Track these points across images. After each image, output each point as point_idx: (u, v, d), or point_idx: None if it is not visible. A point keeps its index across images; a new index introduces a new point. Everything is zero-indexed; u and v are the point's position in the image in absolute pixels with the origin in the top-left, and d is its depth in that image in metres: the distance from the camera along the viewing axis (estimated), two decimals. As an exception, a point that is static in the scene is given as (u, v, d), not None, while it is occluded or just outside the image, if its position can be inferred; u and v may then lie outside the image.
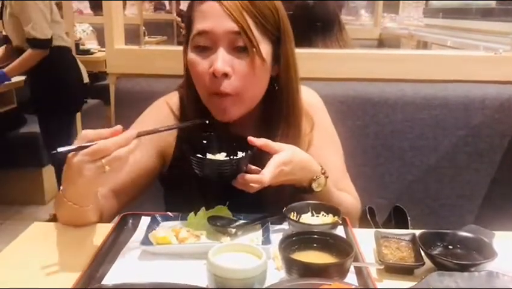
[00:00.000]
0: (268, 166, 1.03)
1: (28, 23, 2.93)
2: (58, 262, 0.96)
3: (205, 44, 1.09)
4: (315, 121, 1.29)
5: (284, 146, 1.08)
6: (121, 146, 0.91)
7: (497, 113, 1.59)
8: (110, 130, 0.93)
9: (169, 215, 1.11)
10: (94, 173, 0.91)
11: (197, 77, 1.12)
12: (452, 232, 1.01)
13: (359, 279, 0.90)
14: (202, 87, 1.13)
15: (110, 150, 0.90)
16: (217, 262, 0.81)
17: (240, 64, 1.08)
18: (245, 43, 1.06)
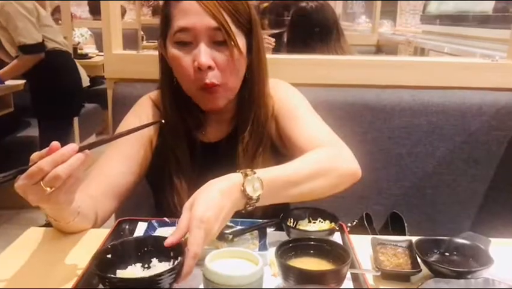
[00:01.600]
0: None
1: (15, 31, 2.94)
2: (54, 268, 0.96)
3: (187, 39, 1.15)
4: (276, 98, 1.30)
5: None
6: (57, 163, 0.84)
7: (494, 120, 1.59)
8: (46, 149, 0.87)
9: (166, 221, 1.11)
10: (39, 195, 0.86)
11: (182, 72, 1.18)
12: (449, 239, 1.01)
13: (356, 285, 0.90)
14: (188, 81, 1.19)
15: (45, 170, 0.83)
16: (213, 269, 0.81)
17: (220, 57, 1.15)
18: (224, 38, 1.13)
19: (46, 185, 0.84)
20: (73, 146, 0.87)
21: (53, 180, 0.84)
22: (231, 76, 1.18)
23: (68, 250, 1.03)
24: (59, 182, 0.85)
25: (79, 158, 0.87)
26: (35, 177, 0.84)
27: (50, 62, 3.09)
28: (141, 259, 0.90)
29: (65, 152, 0.86)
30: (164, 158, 1.27)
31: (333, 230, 1.05)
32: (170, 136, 1.27)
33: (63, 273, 0.93)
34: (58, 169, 0.84)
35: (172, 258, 0.89)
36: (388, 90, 1.64)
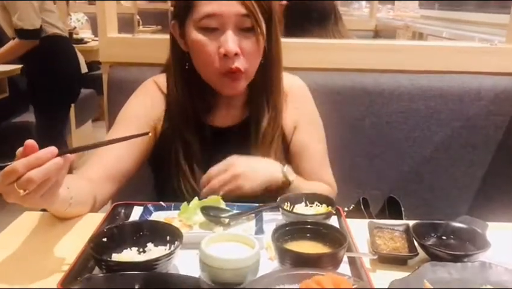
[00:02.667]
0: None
1: (15, 13, 2.89)
2: (49, 252, 0.95)
3: (213, 25, 1.14)
4: (300, 105, 1.35)
5: None
6: (31, 166, 0.80)
7: (492, 104, 1.58)
8: (21, 148, 0.83)
9: (161, 205, 1.10)
10: (14, 196, 0.83)
11: (206, 58, 1.17)
12: (446, 222, 1.01)
13: (353, 269, 0.90)
14: (210, 67, 1.18)
15: (19, 172, 0.80)
16: (209, 252, 0.80)
17: (246, 43, 1.15)
18: (252, 24, 1.14)
19: (20, 187, 0.81)
20: (52, 150, 0.83)
21: (26, 183, 0.80)
22: (254, 62, 1.20)
23: (64, 235, 1.02)
24: (32, 186, 0.81)
25: (56, 163, 0.83)
26: (9, 178, 0.81)
27: (49, 47, 3.06)
28: (137, 243, 0.90)
29: (41, 155, 0.82)
30: (171, 143, 1.26)
31: (330, 214, 1.04)
32: (179, 120, 1.26)
33: (58, 257, 0.93)
34: (32, 173, 0.80)
35: (169, 243, 0.89)
36: (386, 74, 1.62)
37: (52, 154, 0.83)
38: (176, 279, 0.74)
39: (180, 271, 0.85)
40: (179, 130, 1.25)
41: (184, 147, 1.25)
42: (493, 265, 0.87)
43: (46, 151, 0.83)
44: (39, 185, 0.82)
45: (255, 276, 0.80)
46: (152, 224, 0.94)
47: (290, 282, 0.74)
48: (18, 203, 0.84)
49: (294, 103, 1.34)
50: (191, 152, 1.25)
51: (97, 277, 0.75)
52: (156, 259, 0.80)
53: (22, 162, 0.81)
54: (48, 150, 0.83)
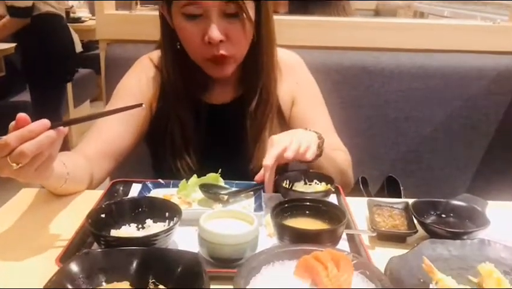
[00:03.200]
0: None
1: None
2: (47, 229, 0.95)
3: (196, 12, 1.11)
4: (298, 78, 1.34)
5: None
6: (24, 139, 0.79)
7: (493, 84, 1.57)
8: (14, 122, 0.81)
9: (160, 182, 1.09)
10: (7, 170, 0.82)
11: (190, 44, 1.16)
12: (445, 200, 1.01)
13: (352, 246, 0.90)
14: (196, 52, 1.17)
15: (11, 146, 0.79)
16: (208, 228, 0.80)
17: (231, 29, 1.12)
18: (236, 10, 1.10)
19: (12, 161, 0.80)
20: (44, 122, 0.81)
21: (18, 156, 0.79)
22: (241, 46, 1.17)
23: (62, 212, 1.02)
24: (25, 160, 0.79)
25: (49, 136, 0.81)
26: (1, 152, 0.79)
27: (41, 25, 3.01)
28: (136, 220, 0.89)
29: (34, 128, 0.80)
30: (166, 120, 1.25)
31: (329, 191, 1.04)
32: (173, 98, 1.24)
33: (57, 234, 0.92)
34: (24, 146, 0.79)
35: (167, 219, 0.88)
36: (386, 53, 1.61)
37: (45, 127, 0.81)
38: (174, 254, 0.74)
39: (179, 248, 0.85)
40: (173, 109, 1.24)
41: (178, 125, 1.24)
42: (492, 243, 0.87)
43: (39, 124, 0.81)
44: (32, 159, 0.80)
45: (253, 252, 0.80)
46: (150, 200, 0.93)
47: (288, 258, 0.74)
48: (12, 177, 0.83)
49: (291, 77, 1.33)
50: (186, 130, 1.24)
51: (95, 252, 0.74)
52: (155, 234, 0.80)
53: (14, 135, 0.79)
54: (40, 123, 0.81)
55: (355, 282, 0.69)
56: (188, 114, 1.25)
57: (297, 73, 1.35)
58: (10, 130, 0.81)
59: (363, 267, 0.71)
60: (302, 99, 1.32)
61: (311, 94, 1.35)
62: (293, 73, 1.33)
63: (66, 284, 0.68)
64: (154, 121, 1.28)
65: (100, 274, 0.72)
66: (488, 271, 0.75)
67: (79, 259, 0.72)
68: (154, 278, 0.70)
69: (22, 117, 0.81)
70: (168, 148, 1.25)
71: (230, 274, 0.71)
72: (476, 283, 0.78)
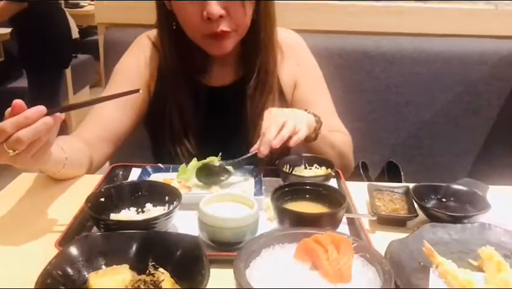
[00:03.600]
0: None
1: None
2: (47, 213, 0.95)
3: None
4: (299, 60, 1.32)
5: None
6: (20, 126, 0.78)
7: (495, 69, 1.56)
8: (10, 108, 0.80)
9: (160, 167, 1.09)
10: (3, 157, 0.81)
11: (189, 22, 1.13)
12: (446, 185, 1.01)
13: (352, 229, 0.90)
14: (194, 30, 1.14)
15: (7, 132, 0.78)
16: (208, 212, 0.80)
17: (231, 4, 1.09)
18: None
19: (9, 147, 0.79)
20: (40, 109, 0.80)
21: (15, 143, 0.78)
22: (242, 21, 1.13)
23: (61, 196, 1.02)
24: (22, 146, 0.79)
25: (45, 122, 0.80)
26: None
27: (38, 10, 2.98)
28: (135, 204, 0.89)
29: (30, 114, 0.79)
30: (164, 103, 1.23)
31: (329, 176, 1.03)
32: (171, 80, 1.22)
33: (56, 218, 0.92)
34: (21, 133, 0.78)
35: (167, 203, 0.88)
36: (387, 37, 1.59)
37: (41, 113, 0.80)
38: (174, 237, 0.74)
39: (179, 232, 0.85)
40: (171, 91, 1.22)
41: (177, 108, 1.22)
42: (493, 226, 0.86)
43: (35, 110, 0.80)
44: (29, 145, 0.79)
45: (253, 236, 0.79)
46: (150, 184, 0.93)
47: (289, 241, 0.74)
48: (9, 163, 0.82)
49: (292, 58, 1.30)
50: (185, 113, 1.22)
51: (94, 235, 0.74)
52: (155, 218, 0.79)
53: (10, 121, 0.78)
54: (37, 109, 0.80)
55: (355, 265, 0.68)
56: (186, 96, 1.23)
57: (299, 54, 1.32)
58: (6, 116, 0.80)
59: (363, 250, 0.71)
60: (304, 81, 1.30)
61: (312, 76, 1.33)
62: (294, 54, 1.31)
63: (66, 267, 0.68)
64: (153, 103, 1.26)
65: (100, 257, 0.72)
66: (488, 254, 0.75)
67: (78, 243, 0.72)
68: (154, 261, 0.69)
69: (18, 103, 0.80)
70: (167, 131, 1.23)
71: (230, 257, 0.70)
72: (476, 267, 0.78)
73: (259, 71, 1.23)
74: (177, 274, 0.68)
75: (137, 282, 0.64)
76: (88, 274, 0.68)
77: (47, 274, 0.65)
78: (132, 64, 1.25)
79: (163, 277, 0.66)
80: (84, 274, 0.69)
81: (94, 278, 0.66)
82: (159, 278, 0.65)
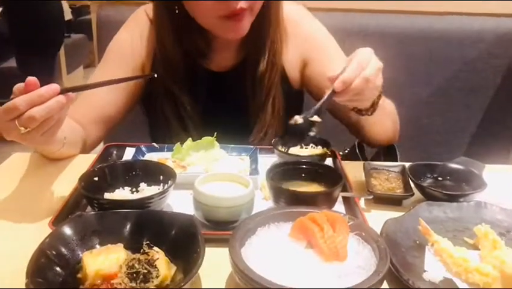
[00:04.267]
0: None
1: None
2: (41, 193, 0.94)
3: None
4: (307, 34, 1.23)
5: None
6: (34, 103, 0.77)
7: (493, 47, 1.54)
8: (22, 84, 0.79)
9: (154, 146, 1.08)
10: (14, 134, 0.80)
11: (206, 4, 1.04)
12: (442, 163, 1.00)
13: (348, 208, 0.89)
14: (209, 11, 1.04)
15: (20, 109, 0.77)
16: (203, 191, 0.79)
17: None
18: None
19: (21, 125, 0.78)
20: (54, 87, 0.79)
21: (28, 121, 0.77)
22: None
23: (55, 176, 1.01)
24: (34, 124, 0.78)
25: (59, 101, 0.79)
26: (9, 115, 0.78)
27: None
28: (129, 183, 0.88)
29: (44, 92, 0.78)
30: (161, 86, 1.17)
31: (325, 155, 1.03)
32: (168, 65, 1.16)
33: (50, 198, 0.92)
34: (34, 110, 0.77)
35: (162, 182, 0.87)
36: (385, 15, 1.57)
37: (55, 92, 0.79)
38: (169, 216, 0.73)
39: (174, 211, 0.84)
40: (168, 75, 1.16)
41: (173, 93, 1.17)
42: (488, 205, 0.86)
43: (49, 88, 0.78)
44: (41, 123, 0.79)
45: (249, 215, 0.79)
46: (144, 163, 0.92)
47: (284, 220, 0.74)
48: (18, 141, 0.82)
49: (298, 34, 1.22)
50: (182, 98, 1.17)
51: (88, 215, 0.73)
52: (149, 197, 0.79)
53: (24, 99, 0.77)
54: (50, 88, 0.79)
55: (350, 243, 0.68)
56: (183, 82, 1.17)
57: (305, 28, 1.23)
58: (15, 92, 0.79)
59: (359, 229, 0.71)
60: (316, 56, 1.21)
61: (324, 46, 1.23)
62: (298, 29, 1.22)
63: (59, 246, 0.67)
64: (148, 85, 1.21)
65: (94, 236, 0.71)
66: (484, 232, 0.75)
67: (72, 222, 0.71)
68: (148, 240, 0.69)
69: (32, 80, 0.79)
70: (163, 116, 1.20)
71: (225, 236, 0.70)
72: (472, 245, 0.78)
73: (269, 51, 1.17)
74: (172, 252, 0.68)
75: (132, 260, 0.64)
76: (82, 254, 0.68)
77: (41, 254, 0.64)
78: (126, 43, 1.20)
79: (158, 255, 0.65)
80: (78, 253, 0.68)
81: (88, 257, 0.65)
82: (154, 257, 0.65)
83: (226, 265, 0.66)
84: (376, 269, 0.62)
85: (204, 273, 0.68)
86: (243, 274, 0.60)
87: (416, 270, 0.71)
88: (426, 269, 0.71)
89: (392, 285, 0.69)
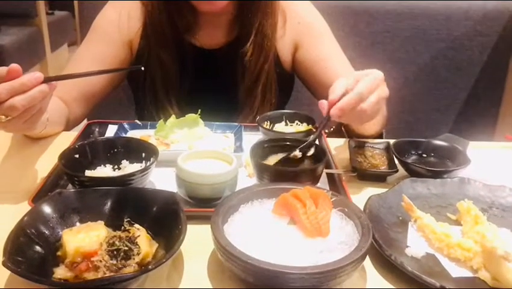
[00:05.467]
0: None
1: None
2: (22, 171, 0.92)
3: None
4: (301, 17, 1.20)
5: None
6: (15, 92, 0.74)
7: (479, 24, 1.54)
8: (4, 69, 0.76)
9: (137, 124, 1.06)
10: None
11: None
12: (426, 140, 1.00)
13: (332, 185, 0.89)
14: None
15: (1, 98, 0.74)
16: (186, 168, 0.78)
17: None
18: None
19: (1, 113, 0.75)
20: (38, 76, 0.76)
21: (9, 110, 0.75)
22: None
23: (36, 154, 0.99)
24: (15, 113, 0.75)
25: (41, 90, 0.76)
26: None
27: None
28: (111, 160, 0.87)
29: (26, 81, 0.75)
30: (148, 64, 1.14)
31: (310, 132, 1.02)
32: (155, 40, 1.13)
33: (32, 176, 0.90)
34: (16, 100, 0.74)
35: (144, 160, 0.86)
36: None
37: (38, 80, 0.76)
38: (150, 193, 0.72)
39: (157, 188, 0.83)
40: (156, 50, 1.14)
41: (160, 69, 1.14)
42: (472, 181, 0.87)
43: (31, 77, 0.75)
44: (22, 112, 0.76)
45: (232, 192, 0.78)
46: (126, 140, 0.91)
47: (267, 197, 0.73)
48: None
49: (291, 17, 1.19)
50: (169, 75, 1.15)
51: (68, 192, 0.72)
52: (131, 174, 0.78)
53: (5, 87, 0.74)
54: (33, 76, 0.76)
55: (333, 219, 0.68)
56: (171, 58, 1.14)
57: (298, 11, 1.21)
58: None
59: (342, 205, 0.71)
60: (309, 40, 1.19)
61: (317, 33, 1.21)
62: (293, 12, 1.20)
63: (39, 224, 0.66)
64: (135, 63, 1.18)
65: (74, 214, 0.70)
66: (466, 208, 0.75)
67: (51, 200, 0.70)
68: (129, 217, 0.68)
69: (15, 67, 0.76)
70: (149, 94, 1.17)
71: (208, 213, 0.69)
72: (454, 221, 0.79)
73: (256, 34, 1.13)
74: (154, 230, 0.68)
75: (112, 238, 0.63)
76: (61, 231, 0.67)
77: (20, 232, 0.63)
78: (112, 19, 1.17)
79: (139, 232, 0.65)
80: (58, 231, 0.67)
81: (68, 235, 0.64)
82: (135, 234, 0.64)
83: (208, 242, 0.65)
84: (359, 245, 0.62)
85: (186, 250, 0.67)
86: (225, 250, 0.60)
87: (399, 245, 0.71)
88: (409, 245, 0.71)
89: (375, 260, 0.69)
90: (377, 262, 0.69)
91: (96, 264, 0.60)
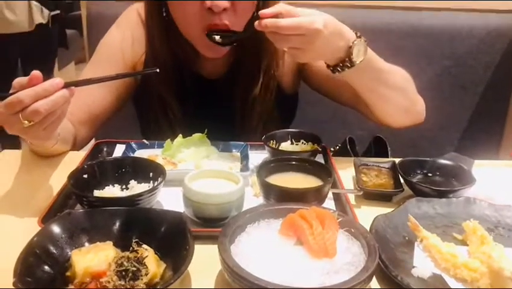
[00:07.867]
0: None
1: None
2: (31, 190, 0.93)
3: None
4: None
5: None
6: (38, 97, 0.77)
7: (483, 43, 1.55)
8: (26, 78, 0.79)
9: (145, 143, 1.07)
10: (17, 127, 0.80)
11: (185, 13, 1.03)
12: (432, 159, 1.01)
13: (338, 205, 0.90)
14: (190, 24, 1.04)
15: (25, 103, 0.77)
16: (193, 187, 0.79)
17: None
18: None
19: (25, 118, 0.78)
20: (58, 81, 0.79)
21: (32, 114, 0.77)
22: (244, 17, 1.01)
23: (45, 173, 1.00)
24: (38, 118, 0.78)
25: (63, 95, 0.79)
26: (13, 108, 0.78)
27: None
28: (119, 180, 0.88)
29: (48, 86, 0.78)
30: (151, 88, 1.16)
31: (315, 151, 1.03)
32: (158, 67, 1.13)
33: (40, 195, 0.91)
34: (38, 104, 0.77)
35: (152, 179, 0.87)
36: (375, 10, 1.57)
37: (58, 85, 0.79)
38: (158, 213, 0.73)
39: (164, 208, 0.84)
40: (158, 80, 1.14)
41: (163, 99, 1.16)
42: (477, 200, 0.87)
43: (53, 82, 0.79)
44: (44, 117, 0.79)
45: (239, 212, 0.79)
46: (134, 160, 0.92)
47: (274, 217, 0.74)
48: (20, 134, 0.83)
49: None
50: (171, 106, 1.16)
51: (77, 212, 0.73)
52: (139, 194, 0.78)
53: (28, 92, 0.77)
54: (54, 82, 0.79)
55: (339, 239, 0.68)
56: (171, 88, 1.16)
57: None
58: (15, 87, 0.79)
59: (348, 225, 0.71)
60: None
61: None
62: None
63: (48, 244, 0.67)
64: (140, 86, 1.20)
65: (83, 234, 0.71)
66: (472, 228, 0.76)
67: (61, 220, 0.71)
68: (138, 238, 0.69)
69: (36, 74, 0.79)
70: (153, 117, 1.19)
71: (215, 233, 0.70)
72: (460, 240, 0.79)
73: (264, 75, 1.16)
74: (162, 250, 0.68)
75: (121, 258, 0.64)
76: (70, 252, 0.67)
77: (29, 252, 0.64)
78: (117, 42, 1.18)
79: (147, 253, 0.65)
80: (67, 251, 0.68)
81: (77, 255, 0.65)
82: (143, 254, 0.65)
83: (215, 262, 0.66)
84: (365, 265, 0.62)
85: (194, 271, 0.68)
86: (232, 271, 0.61)
87: (405, 265, 0.71)
88: (415, 265, 0.72)
89: (381, 281, 0.70)
90: (383, 282, 0.69)
91: (105, 285, 0.61)
